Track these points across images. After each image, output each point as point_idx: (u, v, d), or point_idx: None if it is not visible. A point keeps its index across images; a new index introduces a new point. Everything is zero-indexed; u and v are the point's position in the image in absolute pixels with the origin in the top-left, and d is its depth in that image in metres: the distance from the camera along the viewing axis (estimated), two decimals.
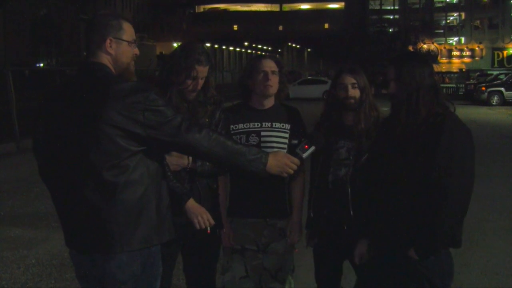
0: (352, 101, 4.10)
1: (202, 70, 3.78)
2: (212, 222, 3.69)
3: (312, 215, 4.29)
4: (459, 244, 3.48)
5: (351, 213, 4.01)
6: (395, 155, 3.50)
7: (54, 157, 3.01)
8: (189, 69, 3.73)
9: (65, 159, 2.95)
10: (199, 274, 4.03)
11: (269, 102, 4.19)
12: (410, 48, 55.73)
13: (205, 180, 3.86)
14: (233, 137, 3.97)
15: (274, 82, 4.10)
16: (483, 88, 35.17)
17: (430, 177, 3.33)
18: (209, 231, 3.71)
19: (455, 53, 75.77)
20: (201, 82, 3.81)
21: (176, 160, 3.67)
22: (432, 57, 57.19)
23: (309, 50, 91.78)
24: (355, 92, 4.11)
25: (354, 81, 4.12)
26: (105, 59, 3.05)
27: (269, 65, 4.11)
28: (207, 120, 3.85)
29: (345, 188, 4.04)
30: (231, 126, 4.12)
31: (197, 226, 3.65)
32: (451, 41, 79.89)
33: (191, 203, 3.65)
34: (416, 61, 3.55)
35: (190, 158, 3.70)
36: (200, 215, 3.65)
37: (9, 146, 16.05)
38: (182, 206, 3.62)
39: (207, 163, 3.73)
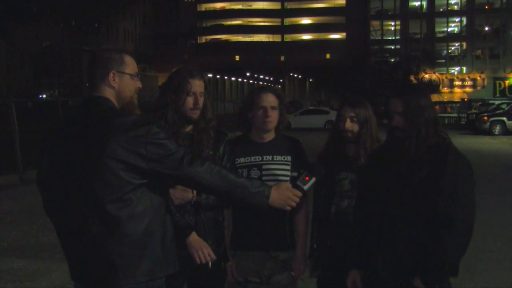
0: (350, 134, 4.12)
1: (197, 84, 3.80)
2: (214, 257, 3.66)
3: (315, 246, 4.30)
4: (457, 273, 3.50)
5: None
6: (400, 186, 3.51)
7: (58, 190, 3.02)
8: (183, 84, 3.77)
9: (69, 192, 2.96)
10: None
11: (270, 135, 4.20)
12: (412, 77, 55.84)
13: (210, 213, 3.85)
14: None
15: (273, 118, 4.11)
16: (485, 118, 35.14)
17: (436, 207, 3.37)
18: (210, 266, 3.67)
19: (457, 82, 75.76)
20: (201, 99, 3.82)
21: (181, 194, 3.67)
22: (433, 86, 57.24)
23: (310, 80, 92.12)
24: (353, 126, 4.12)
25: (353, 114, 4.13)
26: (109, 93, 3.08)
27: (269, 100, 4.10)
28: (211, 152, 3.86)
29: (348, 220, 4.05)
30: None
31: (198, 261, 3.63)
32: (452, 71, 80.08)
33: (193, 237, 3.63)
34: (420, 93, 3.60)
35: (195, 191, 3.70)
36: (201, 250, 3.62)
37: (12, 178, 16.04)
38: (185, 240, 3.60)
39: (212, 196, 3.73)
